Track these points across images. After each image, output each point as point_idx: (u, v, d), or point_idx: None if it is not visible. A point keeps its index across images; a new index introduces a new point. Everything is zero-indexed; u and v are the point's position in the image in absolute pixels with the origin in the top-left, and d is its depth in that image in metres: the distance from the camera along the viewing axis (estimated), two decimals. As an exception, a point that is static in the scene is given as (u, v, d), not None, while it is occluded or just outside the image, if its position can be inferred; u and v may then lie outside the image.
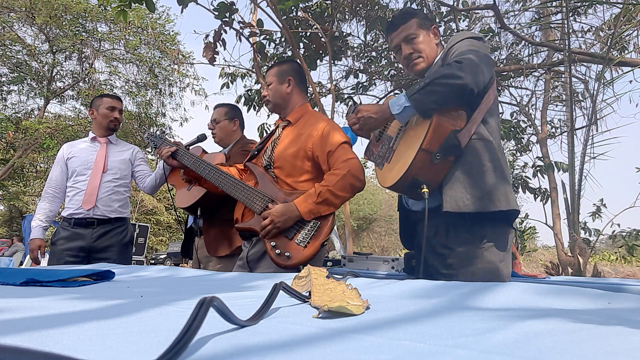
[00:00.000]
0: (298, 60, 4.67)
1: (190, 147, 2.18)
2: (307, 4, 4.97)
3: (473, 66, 1.24)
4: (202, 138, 2.19)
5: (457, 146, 1.28)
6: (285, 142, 1.73)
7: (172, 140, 2.07)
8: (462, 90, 1.23)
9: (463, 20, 5.68)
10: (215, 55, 4.34)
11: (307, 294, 0.63)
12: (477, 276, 1.25)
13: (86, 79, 13.87)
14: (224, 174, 1.75)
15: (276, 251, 1.56)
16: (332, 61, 4.86)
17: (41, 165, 14.22)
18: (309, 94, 5.94)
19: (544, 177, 5.58)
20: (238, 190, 1.70)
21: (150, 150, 2.56)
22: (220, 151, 2.40)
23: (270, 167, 1.73)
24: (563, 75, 5.86)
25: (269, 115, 6.09)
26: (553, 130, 6.42)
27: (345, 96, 6.31)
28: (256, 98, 5.77)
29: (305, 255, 1.53)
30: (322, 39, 4.76)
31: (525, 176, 6.02)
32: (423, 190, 1.26)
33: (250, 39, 4.86)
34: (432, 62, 1.51)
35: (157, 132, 2.15)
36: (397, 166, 1.33)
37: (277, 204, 1.60)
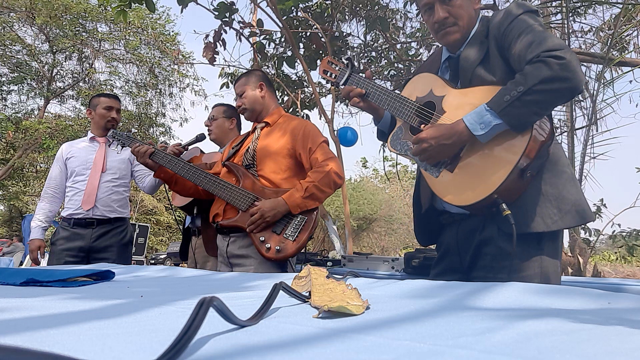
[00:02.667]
0: (298, 60, 4.68)
1: (189, 147, 2.19)
2: (307, 4, 4.98)
3: (577, 62, 1.01)
4: (200, 138, 2.19)
5: (546, 159, 1.11)
6: (266, 141, 1.81)
7: (166, 142, 2.06)
8: (572, 94, 1.04)
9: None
10: (215, 55, 4.34)
11: (307, 294, 0.63)
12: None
13: (86, 79, 13.88)
14: (203, 172, 1.78)
15: (266, 245, 1.63)
16: (332, 61, 4.85)
17: (41, 165, 14.23)
18: (309, 94, 5.94)
19: (544, 177, 5.56)
20: (220, 189, 1.74)
21: (114, 149, 2.49)
22: (218, 151, 2.40)
23: (252, 166, 1.78)
24: (563, 75, 5.85)
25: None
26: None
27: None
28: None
29: (296, 248, 1.63)
30: (322, 39, 4.75)
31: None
32: (505, 212, 1.05)
33: (250, 39, 4.86)
34: (469, 34, 1.24)
35: (124, 133, 2.10)
36: (474, 182, 1.10)
37: (262, 200, 1.67)
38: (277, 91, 3.97)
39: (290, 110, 5.24)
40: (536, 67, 1.02)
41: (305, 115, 5.69)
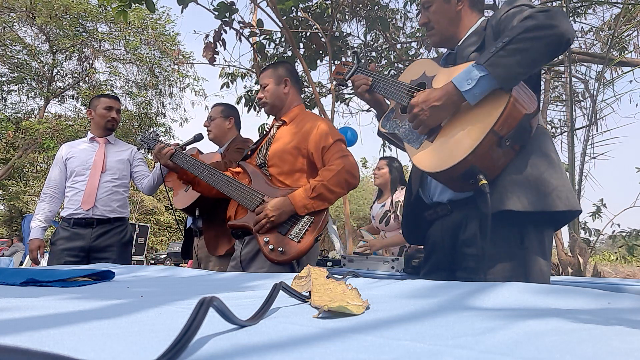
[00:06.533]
0: (298, 60, 4.68)
1: (187, 147, 2.19)
2: (307, 4, 4.98)
3: (563, 13, 1.00)
4: (198, 138, 2.19)
5: (528, 133, 1.08)
6: (280, 140, 1.75)
7: (168, 142, 2.06)
8: (558, 43, 0.99)
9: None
10: (215, 55, 4.34)
11: (307, 294, 0.63)
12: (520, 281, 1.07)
13: (86, 79, 13.88)
14: (217, 172, 1.76)
15: (269, 247, 1.56)
16: (332, 61, 4.86)
17: (41, 165, 14.24)
18: (309, 94, 5.94)
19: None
20: (232, 189, 1.71)
21: (143, 152, 2.55)
22: (216, 151, 2.41)
23: (265, 165, 1.74)
24: (563, 75, 5.86)
25: (268, 116, 6.09)
26: (553, 130, 6.42)
27: (345, 96, 6.31)
28: (256, 98, 5.77)
29: (299, 250, 1.54)
30: (322, 39, 4.76)
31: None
32: (482, 182, 1.02)
33: (250, 39, 4.86)
34: (447, 35, 1.31)
35: (150, 135, 2.15)
36: (451, 148, 1.08)
37: (269, 200, 1.61)
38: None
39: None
40: (523, 22, 1.02)
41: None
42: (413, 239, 1.44)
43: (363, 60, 6.06)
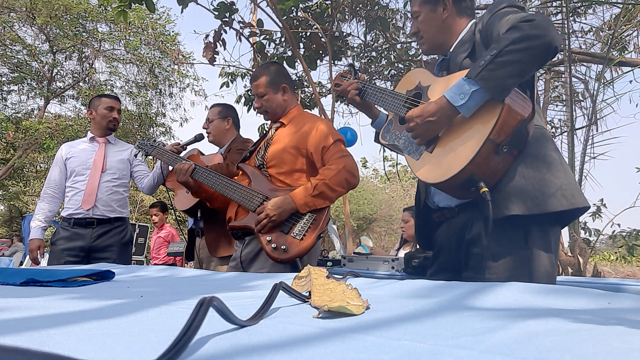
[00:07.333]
0: (298, 60, 4.68)
1: (188, 147, 2.19)
2: (307, 4, 4.98)
3: (549, 22, 1.02)
4: (199, 138, 2.20)
5: (525, 138, 1.08)
6: (279, 141, 1.76)
7: (165, 145, 2.06)
8: (546, 52, 1.01)
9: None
10: (215, 55, 4.34)
11: (307, 294, 0.63)
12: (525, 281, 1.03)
13: (86, 79, 13.87)
14: (216, 174, 1.76)
15: (272, 245, 1.57)
16: (332, 61, 4.86)
17: (41, 165, 14.23)
18: (309, 94, 5.94)
19: (544, 177, 5.53)
20: (232, 190, 1.71)
21: (141, 159, 2.54)
22: (217, 152, 2.41)
23: (264, 166, 1.74)
24: (563, 75, 5.86)
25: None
26: (553, 130, 6.42)
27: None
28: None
29: (302, 248, 1.55)
30: (322, 39, 4.76)
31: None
32: (483, 190, 1.04)
33: (250, 39, 4.86)
34: (437, 43, 1.34)
35: (147, 141, 2.13)
36: (450, 158, 1.09)
37: (270, 199, 1.62)
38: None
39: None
40: (509, 33, 1.03)
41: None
42: (426, 245, 1.43)
43: (364, 61, 6.06)
